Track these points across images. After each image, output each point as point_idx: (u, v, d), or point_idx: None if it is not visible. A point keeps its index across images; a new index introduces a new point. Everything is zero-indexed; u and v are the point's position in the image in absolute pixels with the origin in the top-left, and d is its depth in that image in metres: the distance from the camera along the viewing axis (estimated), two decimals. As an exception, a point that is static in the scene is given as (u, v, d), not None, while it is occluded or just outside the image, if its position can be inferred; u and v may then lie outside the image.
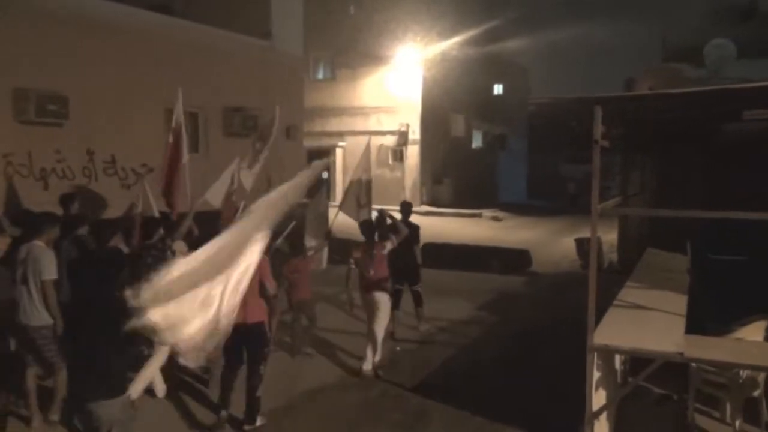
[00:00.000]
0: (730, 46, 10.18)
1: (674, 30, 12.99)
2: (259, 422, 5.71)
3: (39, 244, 5.53)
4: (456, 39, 24.93)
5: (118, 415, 3.80)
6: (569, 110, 5.61)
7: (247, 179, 8.51)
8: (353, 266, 7.28)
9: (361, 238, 7.54)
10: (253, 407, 5.70)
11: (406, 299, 8.78)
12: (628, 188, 10.30)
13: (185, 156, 8.17)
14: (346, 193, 9.17)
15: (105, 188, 11.38)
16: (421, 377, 7.08)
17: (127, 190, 11.68)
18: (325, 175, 25.79)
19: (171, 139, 8.26)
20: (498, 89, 32.50)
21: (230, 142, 14.05)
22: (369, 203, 9.05)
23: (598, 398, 4.52)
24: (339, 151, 25.86)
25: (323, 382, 6.86)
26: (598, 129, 4.17)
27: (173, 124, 8.31)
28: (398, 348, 8.10)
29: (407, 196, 23.55)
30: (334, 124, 25.64)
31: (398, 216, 8.53)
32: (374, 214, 8.59)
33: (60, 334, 5.44)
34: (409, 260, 8.52)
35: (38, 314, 5.43)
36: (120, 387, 3.80)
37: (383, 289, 7.25)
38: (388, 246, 7.31)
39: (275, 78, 15.24)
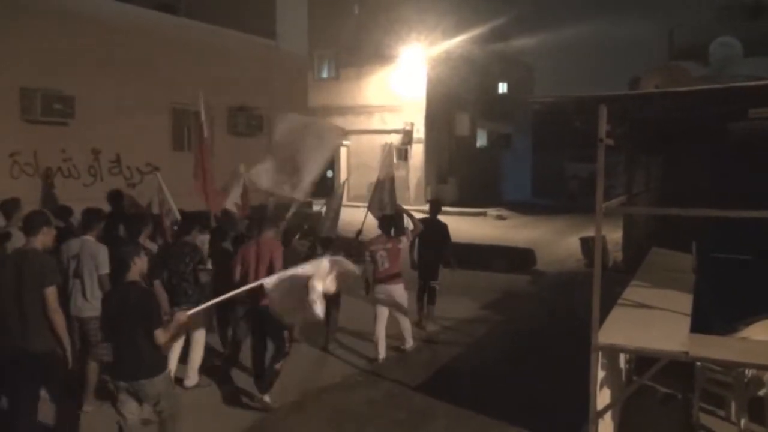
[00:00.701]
0: (737, 44, 10.12)
1: (680, 28, 12.93)
2: (268, 399, 6.01)
3: (90, 239, 5.79)
4: (460, 37, 24.86)
5: (162, 389, 4.47)
6: (574, 109, 5.60)
7: (260, 177, 8.54)
8: (369, 259, 7.47)
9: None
10: (268, 378, 6.07)
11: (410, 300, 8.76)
12: (633, 187, 10.27)
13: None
14: (372, 193, 9.35)
15: (110, 187, 11.42)
16: (425, 376, 7.08)
17: (132, 189, 11.72)
18: (329, 173, 25.86)
19: (201, 141, 8.67)
20: (503, 88, 32.41)
21: (235, 141, 14.10)
22: (393, 202, 9.17)
23: (603, 397, 4.52)
24: (343, 150, 25.86)
25: (330, 380, 6.88)
26: (603, 127, 4.16)
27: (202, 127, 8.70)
28: (402, 347, 8.10)
29: (411, 195, 23.55)
30: (338, 123, 25.58)
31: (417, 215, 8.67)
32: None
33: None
34: (433, 257, 8.70)
35: (90, 306, 5.66)
36: (160, 366, 4.48)
37: (398, 282, 7.49)
38: (404, 241, 7.63)
39: (280, 77, 15.28)
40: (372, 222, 8.88)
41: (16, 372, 4.67)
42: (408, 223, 8.32)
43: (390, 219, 8.01)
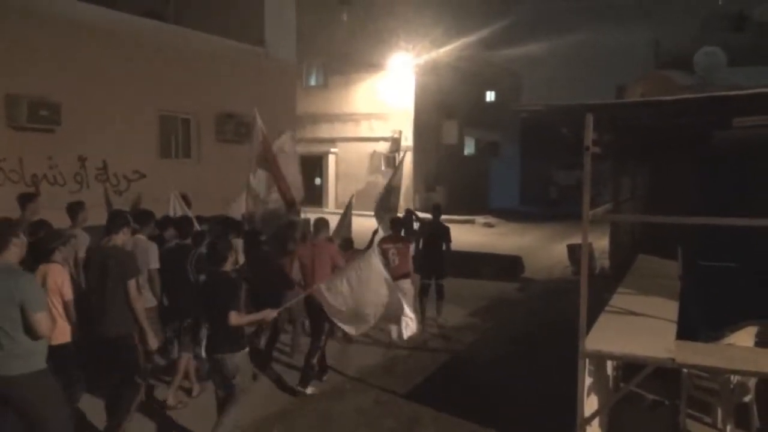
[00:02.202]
0: (721, 53, 10.25)
1: (666, 38, 13.09)
2: (309, 391, 6.61)
3: (143, 237, 6.28)
4: (449, 46, 25.00)
5: (240, 364, 5.07)
6: (561, 117, 5.64)
7: (260, 184, 9.00)
8: (381, 257, 7.64)
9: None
10: (308, 372, 6.66)
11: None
12: (620, 195, 10.34)
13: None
14: (380, 198, 10.03)
15: (96, 195, 11.34)
16: (414, 383, 7.07)
17: (119, 196, 11.64)
18: (317, 181, 25.85)
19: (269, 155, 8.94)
20: (490, 96, 32.57)
21: (223, 148, 14.05)
22: (396, 208, 9.86)
23: (591, 404, 4.53)
24: (331, 158, 25.87)
25: (317, 388, 6.85)
26: (589, 136, 4.19)
27: (261, 141, 8.97)
28: (390, 354, 8.09)
29: (400, 202, 23.56)
30: (326, 131, 25.66)
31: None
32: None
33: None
34: (437, 257, 9.25)
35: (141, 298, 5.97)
36: (241, 344, 5.09)
37: (406, 278, 8.12)
38: (413, 244, 8.39)
39: (268, 84, 15.25)
40: (362, 226, 9.05)
41: (101, 357, 5.26)
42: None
43: (401, 220, 8.71)
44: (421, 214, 9.95)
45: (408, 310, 6.16)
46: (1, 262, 4.09)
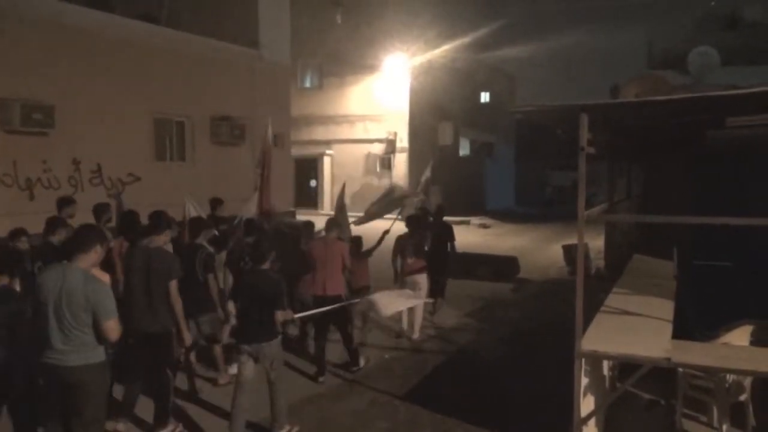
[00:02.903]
0: (714, 53, 10.29)
1: (659, 38, 13.11)
2: (362, 363, 7.49)
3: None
4: (443, 47, 25.03)
5: (276, 351, 5.63)
6: (555, 118, 5.64)
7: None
8: (398, 253, 8.63)
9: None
10: (353, 355, 7.42)
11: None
12: (615, 195, 10.36)
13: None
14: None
15: (91, 198, 11.30)
16: (410, 385, 7.06)
17: (113, 199, 11.61)
18: (312, 183, 25.82)
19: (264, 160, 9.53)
20: (485, 97, 32.62)
21: (217, 151, 14.04)
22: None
23: (587, 404, 4.53)
24: (327, 160, 25.84)
25: (314, 390, 6.84)
26: (584, 136, 4.19)
27: (264, 149, 9.69)
28: (387, 356, 8.09)
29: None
30: (321, 133, 25.64)
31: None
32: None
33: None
34: (442, 256, 9.72)
35: None
36: (276, 332, 5.61)
37: (422, 272, 8.64)
38: (428, 239, 8.93)
39: (262, 87, 15.25)
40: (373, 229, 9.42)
41: (140, 351, 5.60)
42: None
43: (417, 218, 9.23)
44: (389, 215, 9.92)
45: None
46: (79, 266, 4.28)
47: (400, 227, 9.14)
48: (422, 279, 8.65)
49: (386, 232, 8.93)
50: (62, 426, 4.47)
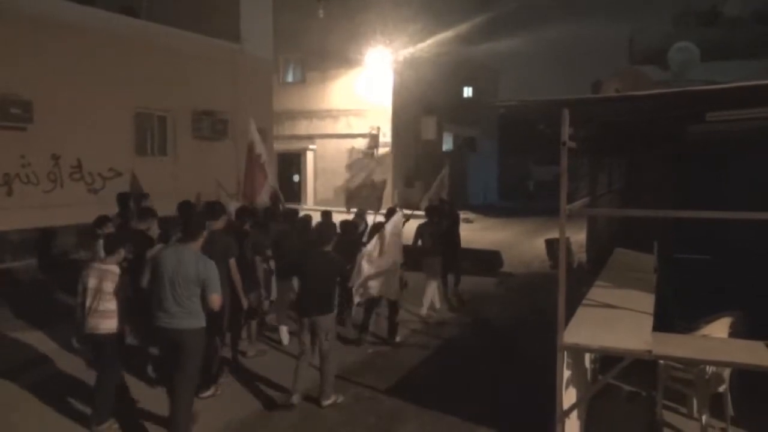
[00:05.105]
0: (694, 49, 10.38)
1: (640, 34, 13.20)
2: (398, 339, 8.40)
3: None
4: (427, 42, 25.00)
5: (330, 325, 6.28)
6: (537, 113, 5.67)
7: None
8: (418, 238, 9.74)
9: None
10: (392, 330, 8.39)
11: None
12: (597, 189, 10.44)
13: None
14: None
15: (71, 194, 11.18)
16: (395, 379, 7.08)
17: (93, 195, 11.49)
18: (295, 178, 25.73)
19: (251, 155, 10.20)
20: (468, 92, 32.66)
21: (199, 146, 13.93)
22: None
23: (569, 396, 4.57)
24: (310, 155, 25.75)
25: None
26: (566, 131, 4.21)
27: (251, 146, 10.26)
28: (370, 350, 8.10)
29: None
30: (303, 128, 25.54)
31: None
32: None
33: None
34: (455, 241, 10.92)
35: None
36: (332, 306, 6.27)
37: (437, 255, 9.72)
38: (443, 227, 10.02)
39: (244, 81, 15.15)
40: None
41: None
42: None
43: (435, 208, 10.23)
44: (407, 211, 10.60)
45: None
46: (191, 248, 5.31)
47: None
48: (436, 261, 9.70)
49: (406, 220, 9.44)
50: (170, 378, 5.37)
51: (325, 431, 5.83)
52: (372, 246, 7.47)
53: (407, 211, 10.41)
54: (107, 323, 5.44)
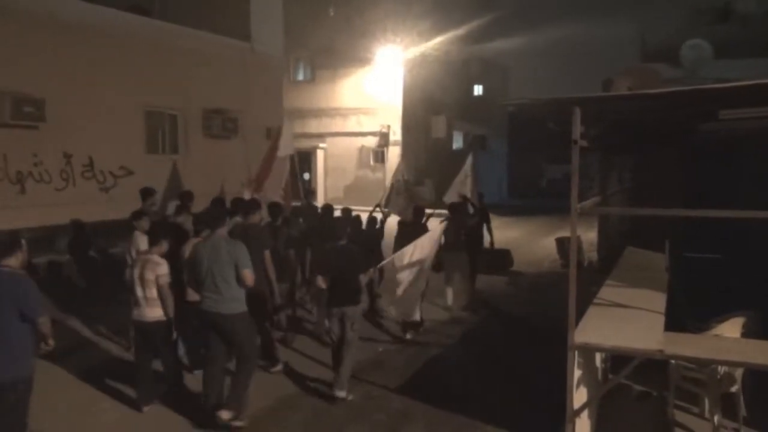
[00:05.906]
0: (706, 46, 10.30)
1: (652, 30, 13.12)
2: (408, 336, 8.51)
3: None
4: (437, 40, 24.94)
5: (357, 316, 6.56)
6: (548, 111, 5.64)
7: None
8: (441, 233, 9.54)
9: None
10: (406, 326, 8.49)
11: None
12: (608, 187, 10.38)
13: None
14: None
15: (83, 192, 11.24)
16: (404, 378, 7.08)
17: (105, 193, 11.56)
18: (306, 176, 25.76)
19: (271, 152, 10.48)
20: (478, 90, 32.56)
21: (210, 144, 13.98)
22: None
23: (580, 396, 4.56)
24: (320, 153, 25.78)
25: (307, 383, 6.85)
26: (577, 129, 4.19)
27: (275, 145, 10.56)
28: (380, 349, 8.11)
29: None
30: (314, 126, 25.56)
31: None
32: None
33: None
34: (477, 236, 11.04)
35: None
36: (359, 299, 6.60)
37: (461, 249, 9.92)
38: (466, 224, 10.15)
39: (255, 80, 15.18)
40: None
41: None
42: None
43: (458, 205, 10.45)
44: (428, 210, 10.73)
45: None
46: (219, 235, 5.78)
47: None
48: (461, 255, 9.95)
49: (429, 217, 9.90)
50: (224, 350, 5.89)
51: (335, 428, 5.84)
52: (408, 250, 7.64)
53: (428, 210, 10.51)
54: (154, 312, 5.90)
